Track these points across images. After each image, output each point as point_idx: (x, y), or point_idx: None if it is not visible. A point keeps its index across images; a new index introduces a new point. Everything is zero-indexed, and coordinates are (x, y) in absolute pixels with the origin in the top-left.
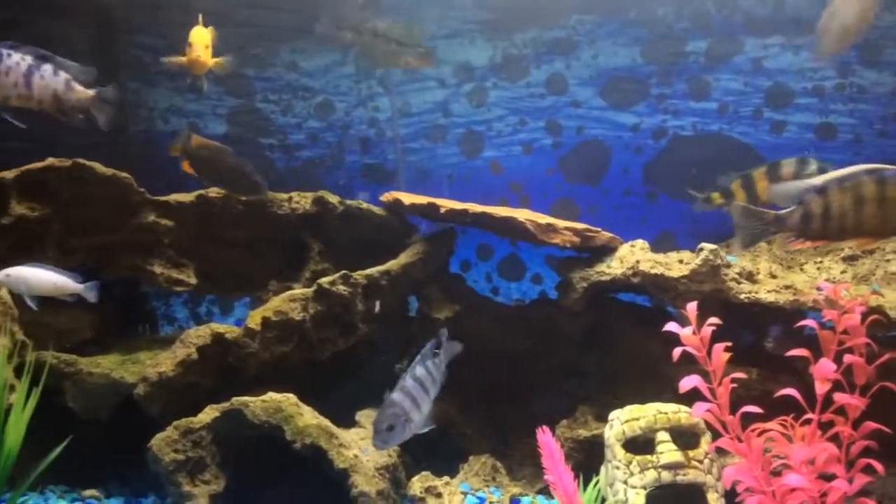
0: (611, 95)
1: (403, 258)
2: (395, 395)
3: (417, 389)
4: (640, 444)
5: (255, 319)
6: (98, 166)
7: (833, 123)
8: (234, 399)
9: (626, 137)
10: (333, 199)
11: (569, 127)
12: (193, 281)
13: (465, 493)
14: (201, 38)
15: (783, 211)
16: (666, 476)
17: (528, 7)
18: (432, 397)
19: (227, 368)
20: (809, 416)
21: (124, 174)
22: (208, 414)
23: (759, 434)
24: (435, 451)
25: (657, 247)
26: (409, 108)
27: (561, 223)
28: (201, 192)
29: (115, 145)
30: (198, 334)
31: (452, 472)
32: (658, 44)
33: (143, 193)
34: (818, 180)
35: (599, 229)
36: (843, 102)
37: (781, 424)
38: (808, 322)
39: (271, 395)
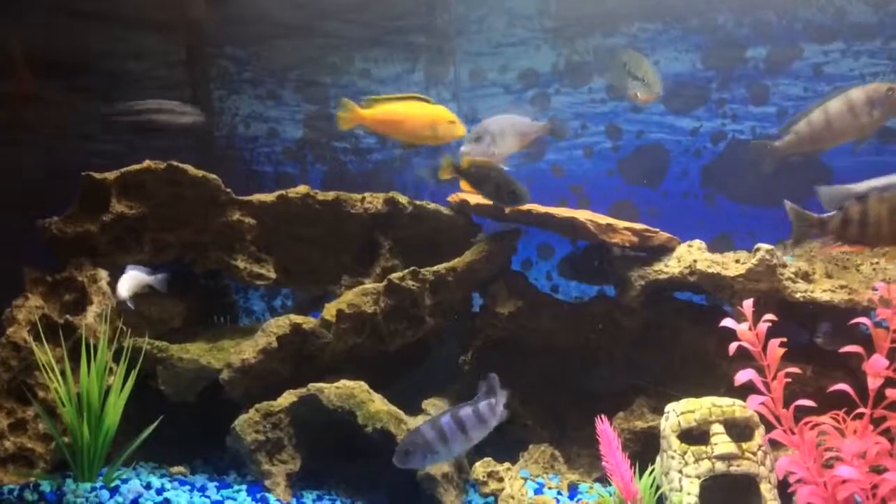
0: (671, 100)
1: (468, 256)
2: (423, 426)
3: (452, 428)
4: (694, 436)
5: (330, 311)
6: (190, 168)
7: (894, 128)
8: (311, 385)
9: (686, 141)
10: (403, 199)
11: (629, 131)
12: (273, 275)
13: (525, 479)
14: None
15: (826, 215)
16: (720, 466)
17: (592, 15)
18: (475, 437)
19: (304, 357)
20: (862, 410)
21: (213, 176)
22: (286, 398)
23: (812, 427)
24: (497, 441)
25: (714, 248)
26: (476, 114)
27: (620, 223)
28: (282, 192)
29: (201, 149)
30: (278, 324)
31: (513, 460)
32: (718, 50)
33: (230, 193)
34: (862, 187)
35: (658, 230)
36: None
37: (834, 418)
38: (862, 320)
39: (344, 382)
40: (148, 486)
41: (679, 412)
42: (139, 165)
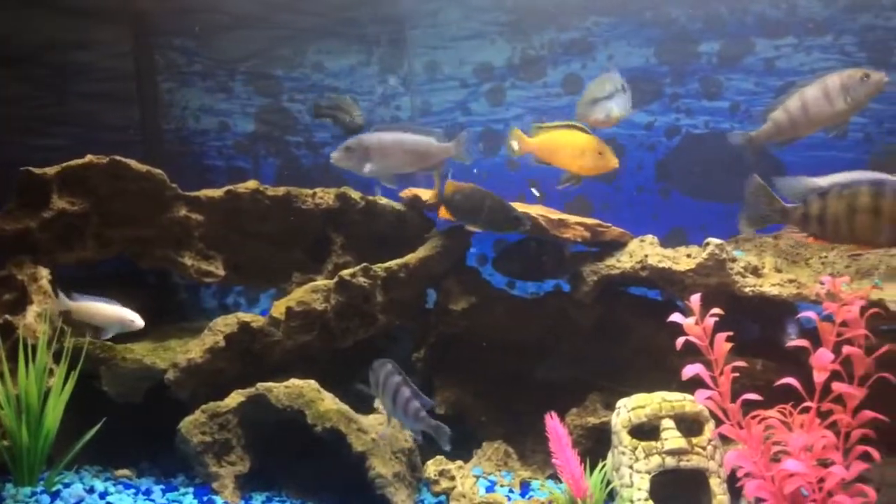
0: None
1: (421, 252)
2: (388, 365)
3: (391, 390)
4: (646, 431)
5: (279, 309)
6: (134, 163)
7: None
8: (259, 384)
9: (640, 136)
10: (355, 194)
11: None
12: (222, 272)
13: (477, 477)
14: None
15: (789, 205)
16: (670, 461)
17: (546, 9)
18: (393, 416)
19: (253, 355)
20: (808, 404)
21: (158, 171)
22: (234, 398)
23: (760, 421)
24: (451, 438)
25: (669, 242)
26: (430, 107)
27: (572, 218)
28: (230, 187)
29: (148, 143)
30: (225, 323)
31: (467, 458)
32: (672, 44)
33: (175, 188)
34: (824, 181)
35: (610, 224)
36: None
37: (781, 412)
38: (808, 314)
39: (294, 381)
40: (91, 490)
41: (630, 408)
42: (81, 160)
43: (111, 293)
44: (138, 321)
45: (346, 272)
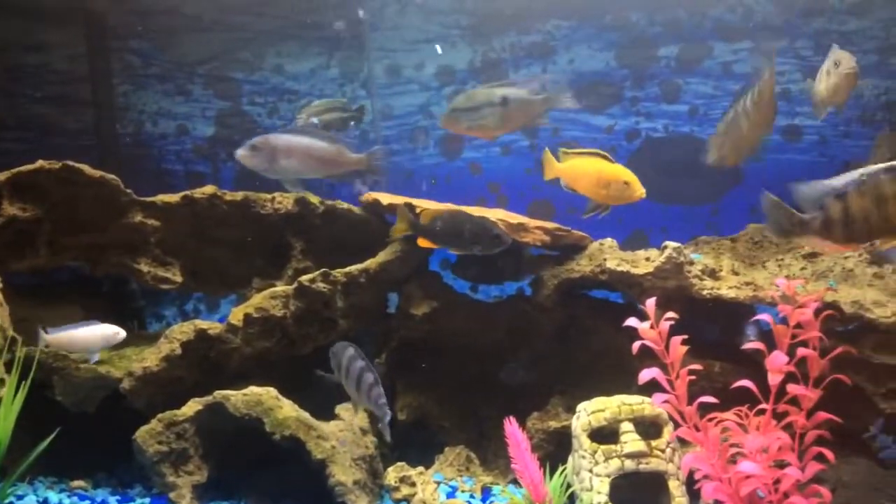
0: (586, 98)
1: (382, 256)
2: (350, 350)
3: (355, 375)
4: (606, 435)
5: (236, 316)
6: (87, 168)
7: (799, 125)
8: (217, 392)
9: (601, 139)
10: (314, 199)
11: (545, 129)
12: (179, 279)
13: (438, 483)
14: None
15: (807, 216)
16: (629, 465)
17: (507, 12)
18: (356, 400)
19: (211, 363)
20: (764, 406)
21: (112, 176)
22: (191, 407)
23: (717, 424)
24: (413, 443)
25: (630, 245)
26: (392, 111)
27: (532, 222)
28: (187, 192)
29: (104, 147)
30: (181, 330)
31: (429, 463)
32: (631, 48)
33: (130, 194)
34: (838, 182)
35: (570, 228)
36: (809, 105)
37: (737, 414)
38: (764, 316)
39: (252, 389)
40: (45, 502)
41: (589, 411)
42: (32, 165)
43: (65, 301)
44: (121, 333)
45: (305, 277)
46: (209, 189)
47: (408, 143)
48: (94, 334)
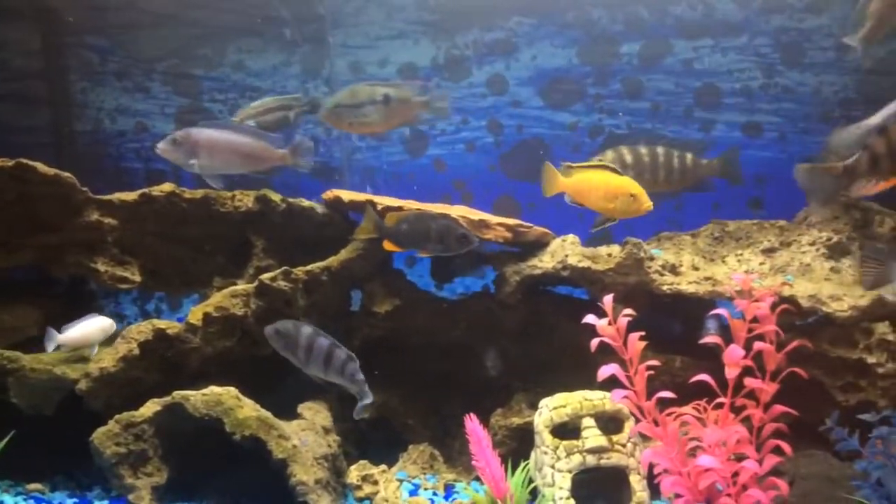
0: (549, 95)
1: (344, 254)
2: (312, 328)
3: (322, 350)
4: (569, 430)
5: (196, 315)
6: (41, 166)
7: (759, 122)
8: (176, 393)
9: (565, 136)
10: (276, 197)
11: (509, 126)
12: (138, 278)
13: (401, 481)
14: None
15: (849, 160)
16: (591, 460)
17: (470, 9)
18: (329, 376)
19: (170, 363)
20: (722, 400)
21: (67, 174)
22: (150, 408)
23: (676, 418)
24: (377, 441)
25: (594, 241)
26: None
27: (494, 219)
28: (145, 190)
29: (60, 145)
30: (139, 330)
31: (393, 462)
32: (594, 45)
33: (86, 192)
34: (876, 120)
35: (532, 224)
36: (769, 102)
37: (696, 409)
38: (722, 311)
39: (212, 389)
40: None
41: (551, 407)
42: None
43: (22, 302)
44: (113, 323)
45: (266, 276)
46: (167, 187)
47: (371, 141)
48: (98, 327)
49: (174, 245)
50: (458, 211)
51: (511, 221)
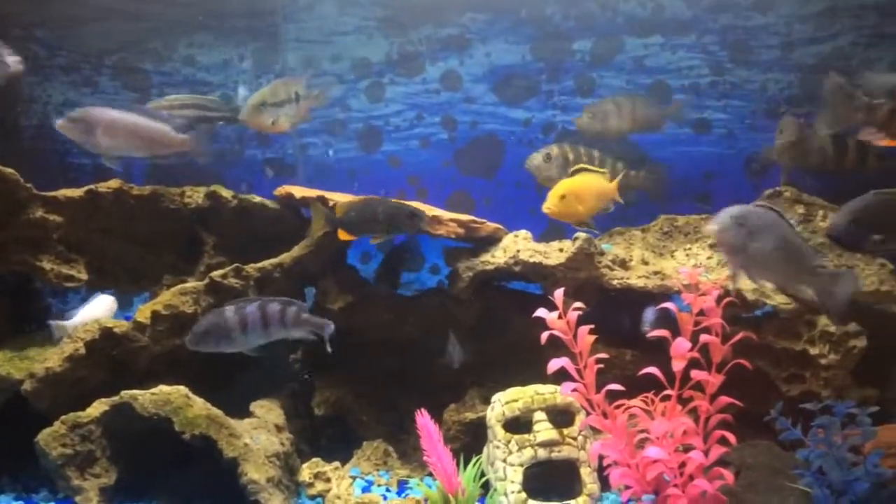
0: (503, 91)
1: (296, 251)
2: (228, 310)
3: (256, 318)
4: (521, 424)
5: (144, 313)
6: None
7: (708, 119)
8: (124, 392)
9: (519, 132)
10: (226, 193)
11: (463, 122)
12: (84, 276)
13: (354, 478)
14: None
15: (875, 101)
16: (542, 453)
17: (422, 5)
18: (273, 334)
19: (118, 363)
20: (669, 392)
21: (10, 170)
22: (97, 408)
23: (624, 411)
24: (332, 438)
25: (548, 237)
26: None
27: (446, 215)
28: (91, 186)
29: (5, 140)
30: (86, 329)
31: (348, 458)
32: (546, 42)
33: (31, 189)
34: None
35: (484, 220)
36: (717, 99)
37: (644, 401)
38: (668, 305)
39: (161, 388)
40: None
41: (503, 402)
42: None
43: None
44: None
45: (216, 273)
46: (114, 183)
47: (325, 136)
48: (105, 307)
49: (122, 242)
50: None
51: (464, 217)
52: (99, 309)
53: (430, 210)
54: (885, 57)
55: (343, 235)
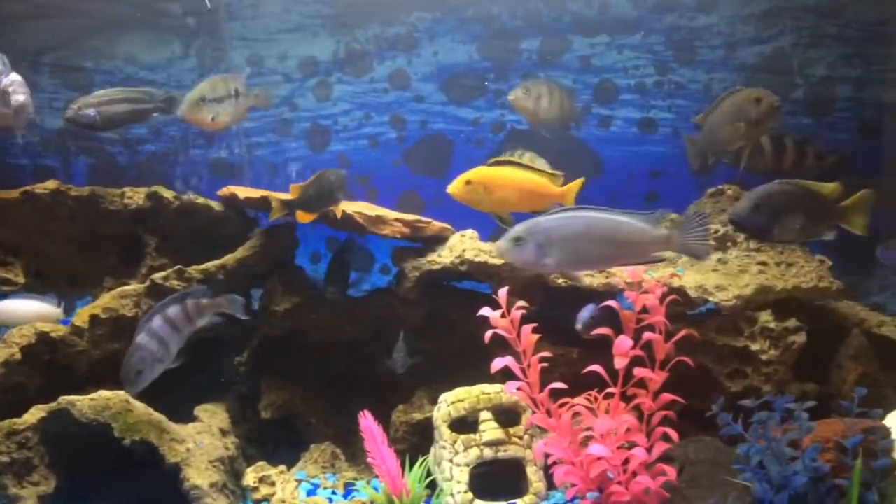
0: (451, 91)
1: (240, 252)
2: (141, 338)
3: (165, 329)
4: (468, 424)
5: (82, 317)
6: None
7: (654, 118)
8: (62, 398)
9: (468, 131)
10: (168, 193)
11: (412, 121)
12: (21, 280)
13: (300, 481)
14: None
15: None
16: (488, 453)
17: (369, 3)
18: (184, 334)
19: (57, 368)
20: (612, 389)
21: None
22: (34, 414)
23: (568, 409)
24: (282, 442)
25: (498, 236)
26: None
27: (391, 214)
28: (27, 188)
29: None
30: (21, 334)
31: (296, 462)
32: (494, 41)
33: None
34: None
35: (431, 220)
36: (663, 98)
37: (587, 399)
38: (611, 303)
39: (101, 393)
40: None
41: (449, 402)
42: None
43: None
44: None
45: (158, 275)
46: (52, 184)
47: (272, 136)
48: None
49: (61, 245)
50: (355, 206)
51: (409, 217)
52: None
53: (375, 210)
54: (824, 57)
55: (303, 217)
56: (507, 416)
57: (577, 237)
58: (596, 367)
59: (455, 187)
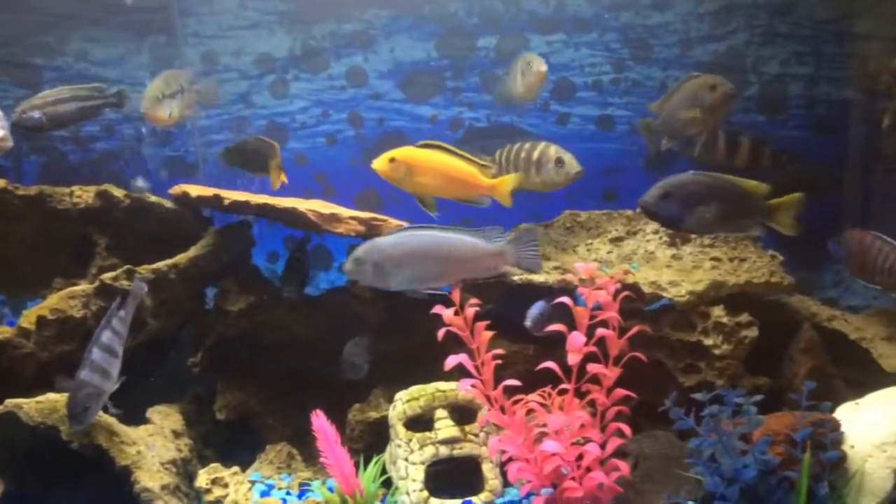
0: (409, 88)
1: (193, 251)
2: (84, 374)
3: (105, 358)
4: (425, 422)
5: (28, 318)
6: None
7: (611, 115)
8: (8, 401)
9: (426, 129)
10: (118, 192)
11: (370, 119)
12: None
13: (254, 482)
14: None
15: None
16: (443, 451)
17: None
18: (121, 353)
19: (3, 371)
20: (565, 386)
21: None
22: None
23: (522, 405)
24: (239, 443)
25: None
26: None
27: (346, 212)
28: None
29: None
30: None
31: (252, 463)
32: (451, 39)
33: None
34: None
35: (387, 218)
36: (619, 96)
37: (541, 395)
38: (563, 299)
39: (49, 396)
40: None
41: (405, 400)
42: None
43: None
44: None
45: (107, 276)
46: None
47: (229, 133)
48: None
49: (8, 245)
50: (310, 204)
51: (364, 215)
52: None
53: (329, 207)
54: (777, 55)
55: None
56: (462, 413)
57: (414, 256)
58: (550, 364)
59: (379, 163)
